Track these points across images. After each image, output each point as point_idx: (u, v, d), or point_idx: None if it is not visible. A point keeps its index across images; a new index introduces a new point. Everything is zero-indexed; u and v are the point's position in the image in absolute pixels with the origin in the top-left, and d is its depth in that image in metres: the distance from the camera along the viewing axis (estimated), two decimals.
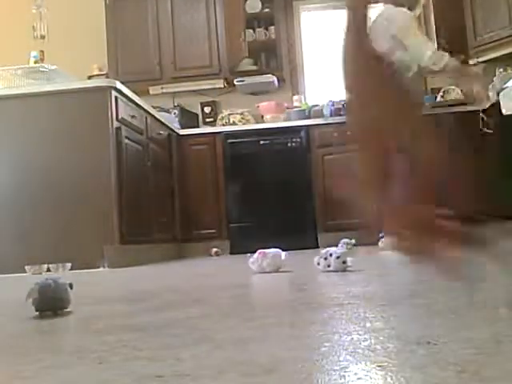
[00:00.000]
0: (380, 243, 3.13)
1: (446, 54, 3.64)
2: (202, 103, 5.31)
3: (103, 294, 1.72)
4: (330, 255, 1.76)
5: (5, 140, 3.34)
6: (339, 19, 5.36)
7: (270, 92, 5.16)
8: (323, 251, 1.80)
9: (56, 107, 3.31)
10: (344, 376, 0.51)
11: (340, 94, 4.27)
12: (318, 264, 1.79)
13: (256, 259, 1.89)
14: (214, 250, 4.25)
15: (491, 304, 0.91)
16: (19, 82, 3.50)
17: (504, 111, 3.89)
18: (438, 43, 4.77)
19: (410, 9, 3.77)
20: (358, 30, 0.90)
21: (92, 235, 3.18)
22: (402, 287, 1.30)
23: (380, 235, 2.59)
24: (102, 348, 0.74)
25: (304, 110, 4.89)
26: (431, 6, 4.78)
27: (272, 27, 5.09)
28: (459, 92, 4.83)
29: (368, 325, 0.77)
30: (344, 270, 1.72)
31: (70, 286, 1.18)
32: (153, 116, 4.11)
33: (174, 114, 4.96)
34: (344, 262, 1.73)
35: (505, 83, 4.00)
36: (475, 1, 4.60)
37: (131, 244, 3.40)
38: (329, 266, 1.75)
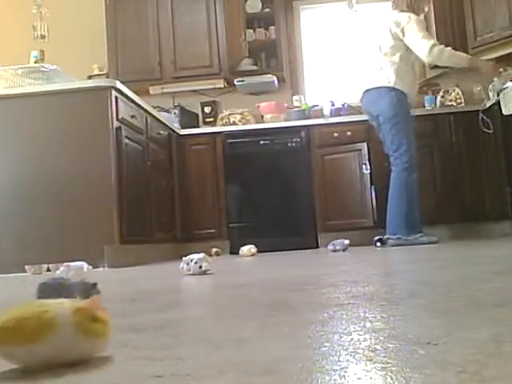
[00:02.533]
0: (240, 251, 3.71)
1: (447, 48, 3.66)
2: (202, 103, 5.31)
3: (103, 294, 1.72)
4: (191, 261, 2.09)
5: (4, 139, 3.34)
6: (339, 16, 5.36)
7: (270, 92, 5.16)
8: (186, 258, 2.12)
9: (56, 107, 3.32)
10: (344, 376, 0.51)
11: (340, 94, 4.26)
12: (182, 268, 2.10)
13: (62, 271, 2.09)
14: (214, 249, 4.24)
15: (488, 304, 0.91)
16: (19, 82, 3.50)
17: (504, 111, 3.89)
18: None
19: (416, 13, 3.80)
20: None
21: (92, 235, 3.18)
22: (401, 287, 1.30)
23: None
24: None
25: (304, 110, 4.89)
26: (431, 8, 4.78)
27: (272, 27, 5.10)
28: (459, 92, 4.83)
29: (368, 325, 0.77)
30: (203, 274, 2.06)
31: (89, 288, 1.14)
32: (153, 116, 4.11)
33: (174, 113, 4.96)
34: (200, 267, 2.06)
35: (505, 83, 4.00)
36: (475, 1, 4.60)
37: (131, 244, 3.40)
38: (189, 270, 2.07)
